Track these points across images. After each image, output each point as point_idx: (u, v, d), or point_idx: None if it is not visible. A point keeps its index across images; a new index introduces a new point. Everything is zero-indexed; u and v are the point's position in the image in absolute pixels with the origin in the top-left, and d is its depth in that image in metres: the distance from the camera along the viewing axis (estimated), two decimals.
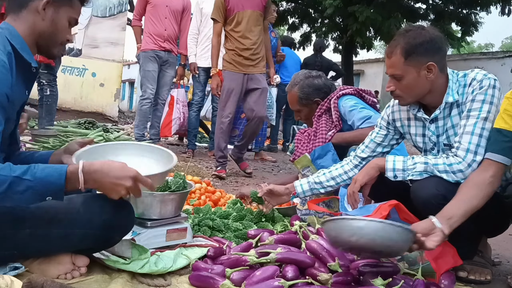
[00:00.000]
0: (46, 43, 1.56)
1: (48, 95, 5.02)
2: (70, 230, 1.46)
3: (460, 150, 1.76)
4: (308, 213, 2.35)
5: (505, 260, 2.28)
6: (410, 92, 1.86)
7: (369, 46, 15.10)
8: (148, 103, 4.90)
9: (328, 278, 1.50)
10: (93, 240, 1.50)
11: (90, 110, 9.34)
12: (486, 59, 15.25)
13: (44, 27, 1.53)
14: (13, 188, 1.26)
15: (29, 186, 1.27)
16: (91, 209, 1.48)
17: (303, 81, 2.64)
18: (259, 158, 5.84)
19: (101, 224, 1.47)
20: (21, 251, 1.47)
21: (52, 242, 1.47)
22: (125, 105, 21.95)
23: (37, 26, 1.52)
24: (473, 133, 1.75)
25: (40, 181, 1.29)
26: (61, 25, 1.56)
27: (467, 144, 1.74)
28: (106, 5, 9.44)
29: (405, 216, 1.81)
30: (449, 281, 1.66)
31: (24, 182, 1.27)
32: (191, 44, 5.25)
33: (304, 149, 2.53)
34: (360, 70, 18.47)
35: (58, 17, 1.55)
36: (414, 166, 1.81)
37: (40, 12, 1.51)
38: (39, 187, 1.29)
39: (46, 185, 1.30)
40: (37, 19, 1.52)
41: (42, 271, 1.50)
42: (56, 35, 1.56)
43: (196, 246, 1.88)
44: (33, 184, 1.28)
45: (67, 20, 1.57)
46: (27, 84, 1.55)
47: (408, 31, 1.85)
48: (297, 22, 16.36)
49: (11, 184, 1.25)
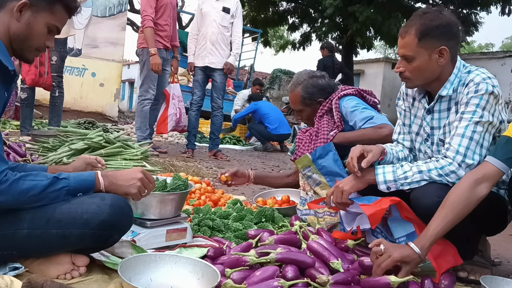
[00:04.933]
0: (19, 46, 1.52)
1: (57, 96, 5.05)
2: (69, 230, 1.46)
3: (450, 151, 1.76)
4: (308, 213, 2.35)
5: (505, 260, 2.28)
6: (419, 75, 1.84)
7: (369, 46, 15.11)
8: (149, 103, 4.87)
9: (326, 280, 1.49)
10: (91, 239, 1.50)
11: (90, 110, 9.35)
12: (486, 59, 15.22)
13: (18, 29, 1.49)
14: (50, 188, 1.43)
15: (64, 185, 1.46)
16: (89, 209, 1.48)
17: (307, 81, 2.62)
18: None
19: (99, 224, 1.47)
20: (20, 251, 1.48)
21: (50, 242, 1.48)
22: (125, 105, 21.95)
23: (11, 27, 1.48)
24: (463, 135, 1.74)
25: (74, 180, 1.48)
26: (37, 30, 1.51)
27: (457, 146, 1.74)
28: (106, 5, 9.44)
29: (406, 214, 1.81)
30: (449, 281, 1.66)
31: (61, 182, 1.46)
32: (190, 44, 5.25)
33: (306, 148, 2.53)
34: (360, 70, 18.44)
35: (35, 21, 1.50)
36: (405, 175, 1.79)
37: (15, 13, 1.47)
38: (74, 185, 1.48)
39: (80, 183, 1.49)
40: (12, 20, 1.48)
41: (42, 271, 1.50)
42: (30, 39, 1.51)
43: (196, 246, 1.88)
44: (69, 182, 1.47)
45: (46, 26, 1.52)
46: (5, 86, 1.50)
47: (425, 13, 1.83)
48: (297, 22, 16.36)
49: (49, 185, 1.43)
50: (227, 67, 5.14)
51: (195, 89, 5.28)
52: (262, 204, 2.70)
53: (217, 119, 5.32)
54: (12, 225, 1.43)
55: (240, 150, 7.09)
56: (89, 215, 1.47)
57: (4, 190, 1.36)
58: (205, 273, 1.52)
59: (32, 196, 1.40)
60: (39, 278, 1.32)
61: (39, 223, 1.45)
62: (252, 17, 16.07)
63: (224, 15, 5.15)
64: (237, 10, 5.24)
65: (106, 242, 1.56)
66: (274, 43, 23.82)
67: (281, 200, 2.78)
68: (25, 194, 1.39)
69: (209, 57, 5.13)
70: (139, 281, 1.47)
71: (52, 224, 1.45)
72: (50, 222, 1.45)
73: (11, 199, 1.38)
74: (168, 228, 1.88)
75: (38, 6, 1.50)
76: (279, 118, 7.40)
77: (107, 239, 1.54)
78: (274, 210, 2.41)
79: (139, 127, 4.94)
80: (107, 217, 1.48)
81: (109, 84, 9.63)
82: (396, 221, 1.86)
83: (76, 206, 1.48)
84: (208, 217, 2.23)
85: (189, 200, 2.70)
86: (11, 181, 1.37)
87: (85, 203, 1.49)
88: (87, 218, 1.46)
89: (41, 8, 1.50)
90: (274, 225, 2.31)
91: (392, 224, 1.87)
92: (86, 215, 1.46)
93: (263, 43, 17.04)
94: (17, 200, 1.39)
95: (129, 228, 1.63)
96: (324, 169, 2.27)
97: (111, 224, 1.50)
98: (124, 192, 1.55)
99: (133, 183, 1.55)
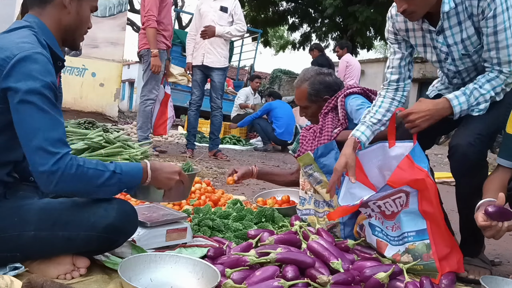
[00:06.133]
0: (72, 36, 1.59)
1: None
2: (75, 232, 1.46)
3: (504, 65, 1.82)
4: (308, 213, 2.35)
5: (505, 260, 2.28)
6: (423, 3, 1.84)
7: (369, 46, 15.13)
8: (151, 103, 4.90)
9: (327, 280, 1.49)
10: (97, 243, 1.50)
11: (90, 110, 9.33)
12: None
13: (70, 20, 1.55)
14: (108, 181, 1.42)
15: (119, 179, 1.45)
16: (96, 212, 1.48)
17: (314, 78, 2.61)
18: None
19: (106, 227, 1.47)
20: (24, 253, 1.47)
21: (56, 244, 1.48)
22: (125, 105, 21.93)
23: (63, 20, 1.54)
24: (508, 46, 1.79)
25: (126, 175, 1.47)
26: (85, 15, 1.60)
27: (508, 57, 1.81)
28: (106, 5, 9.43)
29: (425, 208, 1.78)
30: (449, 281, 1.66)
31: (116, 176, 1.44)
32: (188, 44, 5.26)
33: (309, 146, 2.52)
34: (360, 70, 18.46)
35: (82, 8, 1.58)
36: (477, 101, 1.85)
37: (67, 6, 1.53)
38: (125, 180, 1.47)
39: (129, 179, 1.49)
40: (63, 13, 1.54)
41: (42, 270, 1.49)
42: (81, 27, 1.60)
43: (196, 246, 1.87)
44: (122, 177, 1.46)
45: (89, 9, 1.61)
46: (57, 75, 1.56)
47: None
48: (297, 22, 16.39)
49: (108, 178, 1.42)
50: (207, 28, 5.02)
51: (194, 89, 5.29)
52: (262, 204, 2.70)
53: (216, 119, 5.33)
54: (18, 227, 1.43)
55: (240, 150, 7.10)
56: (96, 218, 1.47)
57: (68, 177, 1.35)
58: (205, 273, 1.52)
59: (93, 186, 1.41)
60: (39, 278, 1.32)
61: (46, 225, 1.45)
62: (252, 17, 16.09)
63: (222, 15, 5.15)
64: (236, 8, 5.23)
65: (111, 246, 1.57)
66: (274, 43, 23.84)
67: (281, 200, 2.78)
68: (87, 183, 1.39)
69: (208, 56, 5.14)
70: (139, 281, 1.47)
71: (59, 227, 1.45)
72: (57, 225, 1.45)
73: (72, 186, 1.37)
74: (168, 228, 1.88)
75: None
76: (288, 124, 7.36)
77: (112, 243, 1.54)
78: (274, 210, 2.40)
79: (141, 127, 4.95)
80: (113, 221, 1.48)
81: (109, 84, 9.63)
82: (409, 214, 1.81)
83: (83, 209, 1.49)
84: (208, 217, 2.23)
85: (189, 200, 2.70)
86: (76, 167, 1.36)
87: (92, 206, 1.49)
88: (94, 221, 1.47)
89: None
90: (274, 225, 2.31)
91: (404, 216, 1.82)
92: (93, 218, 1.47)
93: (263, 43, 17.07)
94: (78, 189, 1.39)
95: (134, 233, 1.64)
96: (326, 167, 2.27)
97: (117, 228, 1.50)
98: (164, 185, 1.60)
99: (173, 178, 1.59)
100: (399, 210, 1.82)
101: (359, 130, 2.08)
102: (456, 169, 1.86)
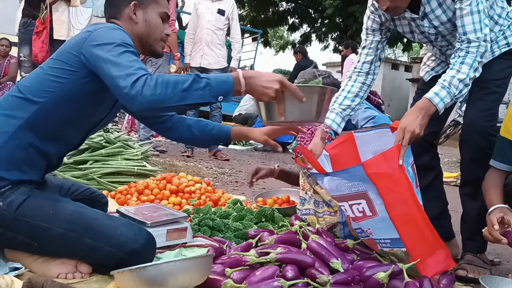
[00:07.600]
0: (147, 44, 1.68)
1: None
2: (101, 245, 1.48)
3: (470, 34, 1.79)
4: (308, 213, 2.35)
5: (505, 260, 2.28)
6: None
7: None
8: None
9: (327, 280, 1.50)
10: (115, 261, 1.49)
11: None
12: None
13: (140, 29, 1.65)
14: (195, 85, 1.40)
15: (207, 83, 1.42)
16: (127, 233, 1.51)
17: (311, 80, 2.62)
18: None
19: (131, 251, 1.49)
20: (43, 246, 1.49)
21: (78, 249, 1.50)
22: None
23: (134, 30, 1.64)
24: (472, 12, 1.79)
25: (214, 80, 1.44)
26: (154, 22, 1.67)
27: (472, 25, 1.79)
28: None
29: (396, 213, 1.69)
30: (448, 281, 1.66)
31: (203, 80, 1.42)
32: (187, 45, 5.27)
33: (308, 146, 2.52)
34: None
35: (149, 16, 1.66)
36: (459, 89, 1.80)
37: (133, 17, 1.64)
38: (214, 85, 1.43)
39: (220, 84, 1.44)
40: (132, 24, 1.64)
41: (44, 268, 1.50)
42: (152, 34, 1.67)
43: (196, 246, 1.88)
44: (210, 81, 1.42)
45: (158, 16, 1.68)
46: None
47: None
48: (297, 22, 16.39)
49: (193, 82, 1.40)
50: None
51: None
52: (262, 204, 2.70)
53: (215, 119, 5.34)
54: (51, 220, 1.46)
55: (240, 150, 7.09)
56: (126, 239, 1.50)
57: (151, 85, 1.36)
58: None
59: (180, 91, 1.39)
60: (39, 278, 1.32)
61: (77, 228, 1.48)
62: (252, 17, 16.10)
63: (219, 17, 5.16)
64: (233, 13, 5.25)
65: (122, 266, 1.54)
66: (274, 43, 23.85)
67: (281, 200, 2.79)
68: (173, 87, 1.38)
69: (205, 57, 5.16)
70: None
71: (88, 234, 1.48)
72: (87, 231, 1.48)
73: (158, 93, 1.36)
74: (168, 228, 1.88)
75: (145, 2, 1.66)
76: None
77: (128, 265, 1.49)
78: (274, 210, 2.41)
79: (144, 127, 4.97)
80: (140, 248, 1.51)
81: None
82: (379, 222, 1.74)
83: (116, 227, 1.51)
84: (208, 217, 2.23)
85: (189, 200, 2.70)
86: (156, 77, 1.39)
87: (124, 227, 1.52)
88: (123, 241, 1.49)
89: (148, 2, 1.66)
90: (274, 225, 2.31)
91: (375, 224, 1.76)
92: (123, 238, 1.49)
93: (263, 43, 17.07)
94: (165, 95, 1.37)
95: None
96: None
97: (140, 254, 1.51)
98: (262, 95, 1.49)
99: (270, 86, 1.47)
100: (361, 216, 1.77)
101: (329, 118, 2.12)
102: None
